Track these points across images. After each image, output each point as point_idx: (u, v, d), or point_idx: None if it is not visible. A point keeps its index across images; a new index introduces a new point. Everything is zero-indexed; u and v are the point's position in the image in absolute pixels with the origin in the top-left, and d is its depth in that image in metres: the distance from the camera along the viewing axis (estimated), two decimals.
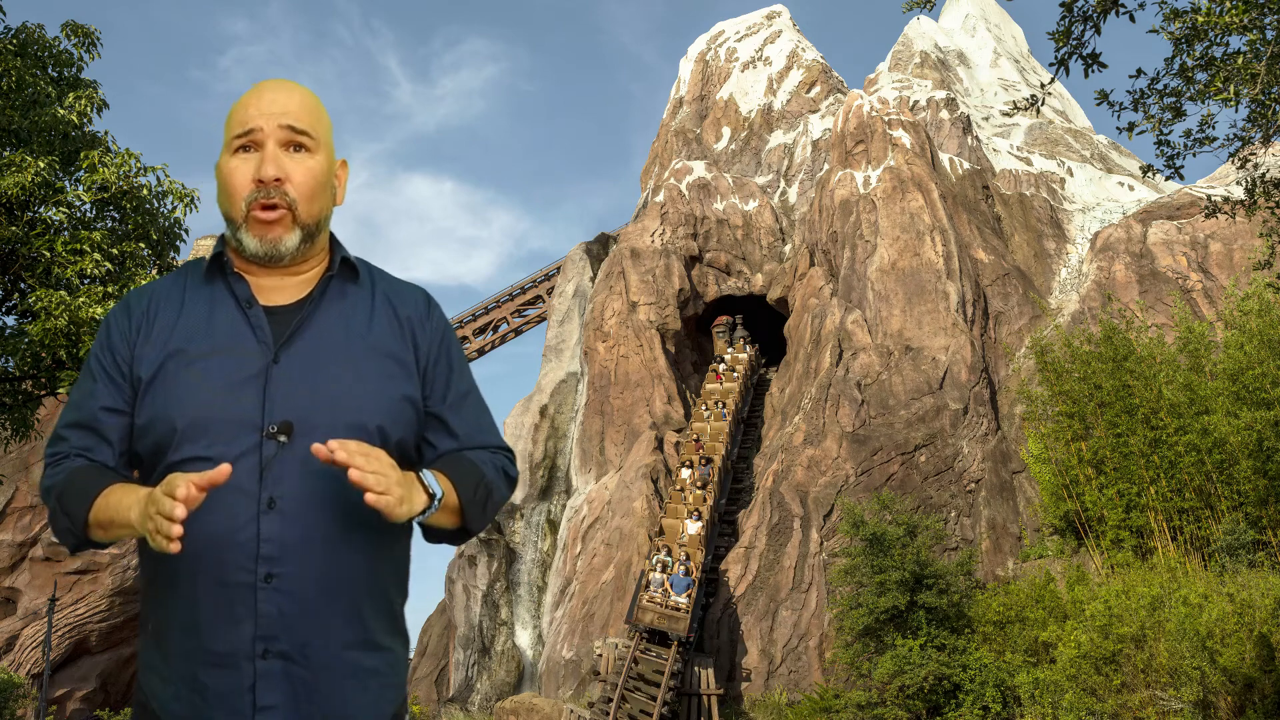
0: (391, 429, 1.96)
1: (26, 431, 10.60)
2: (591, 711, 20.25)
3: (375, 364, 1.98)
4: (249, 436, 1.86)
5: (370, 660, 1.92)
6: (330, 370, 1.93)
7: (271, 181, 1.96)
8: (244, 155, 1.99)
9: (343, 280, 2.06)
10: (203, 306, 1.99)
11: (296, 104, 2.02)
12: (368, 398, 1.94)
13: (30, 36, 10.77)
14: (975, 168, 36.60)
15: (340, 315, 2.01)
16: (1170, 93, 7.86)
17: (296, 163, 1.99)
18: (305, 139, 2.01)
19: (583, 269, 39.57)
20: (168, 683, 1.87)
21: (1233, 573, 18.79)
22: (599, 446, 33.01)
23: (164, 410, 1.90)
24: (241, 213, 1.98)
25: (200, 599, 1.83)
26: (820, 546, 25.28)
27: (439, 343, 2.08)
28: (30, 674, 27.43)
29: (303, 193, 1.99)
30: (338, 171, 2.11)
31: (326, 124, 2.08)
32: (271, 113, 1.99)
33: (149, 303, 2.03)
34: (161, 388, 1.92)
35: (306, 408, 1.89)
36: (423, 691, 30.17)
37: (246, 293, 1.99)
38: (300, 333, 1.96)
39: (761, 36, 47.86)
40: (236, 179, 1.98)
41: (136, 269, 10.02)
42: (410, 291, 2.12)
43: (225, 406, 1.87)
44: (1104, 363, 23.80)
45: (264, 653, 1.82)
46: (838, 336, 30.38)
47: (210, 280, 2.03)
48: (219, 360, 1.92)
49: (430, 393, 2.05)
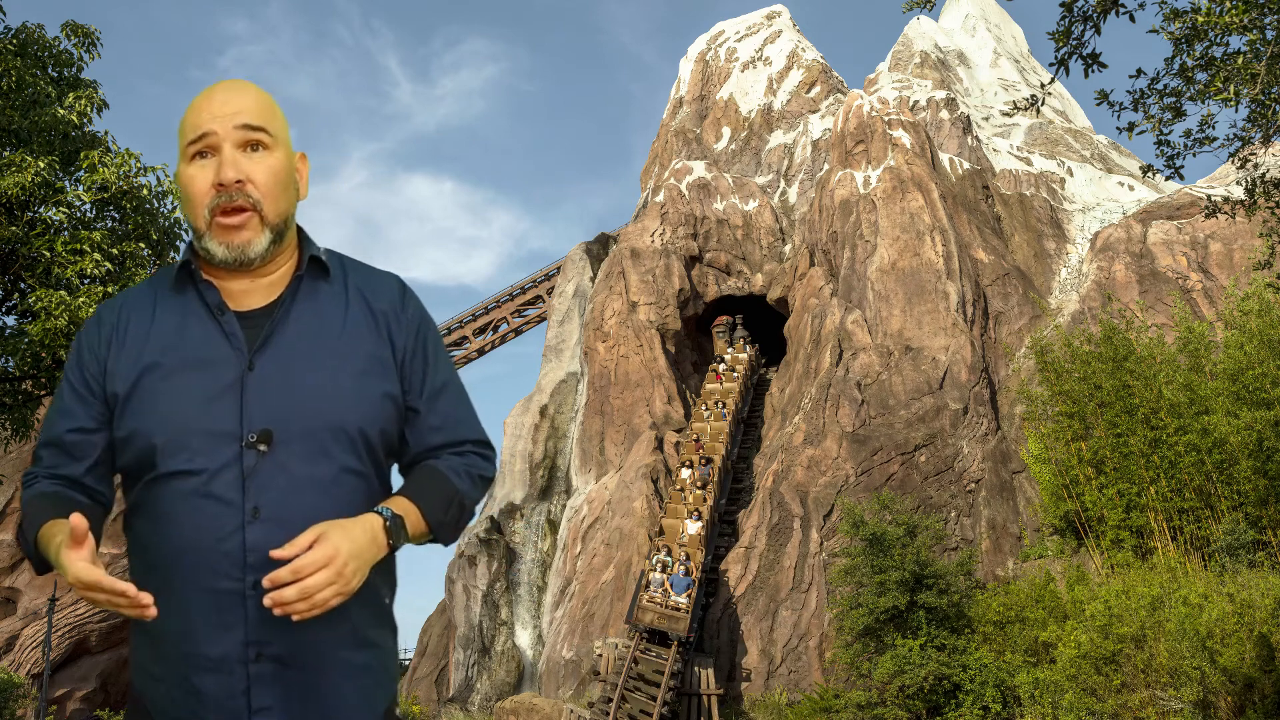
0: (371, 428, 1.94)
1: (26, 432, 10.60)
2: (591, 711, 20.25)
3: (352, 363, 1.95)
4: (229, 448, 1.85)
5: (361, 657, 1.93)
6: (306, 373, 1.91)
7: (233, 184, 1.91)
8: (201, 161, 1.95)
9: (314, 278, 2.03)
10: (174, 316, 1.97)
11: (250, 102, 1.97)
12: (346, 398, 1.92)
13: (30, 36, 10.77)
14: (975, 168, 36.60)
15: (314, 315, 1.98)
16: (1170, 93, 7.85)
17: (256, 162, 1.94)
18: (262, 136, 1.96)
19: (583, 269, 39.57)
20: (162, 684, 1.87)
21: (1233, 573, 18.79)
22: (599, 446, 33.01)
23: (143, 426, 1.89)
24: (205, 220, 1.93)
25: (190, 607, 1.83)
26: (820, 546, 25.28)
27: (415, 335, 2.06)
28: (30, 674, 27.42)
29: (266, 192, 1.95)
30: (298, 165, 2.07)
31: (282, 119, 2.03)
32: (225, 114, 1.94)
33: (119, 315, 2.00)
34: (138, 403, 1.91)
35: (285, 413, 1.87)
36: (423, 691, 30.16)
37: (217, 299, 1.96)
38: (274, 337, 1.93)
39: (761, 36, 47.86)
40: (196, 186, 1.93)
41: (136, 269, 10.02)
42: (384, 282, 2.09)
43: (203, 419, 1.86)
44: (1104, 363, 23.80)
45: (257, 656, 1.83)
46: (838, 336, 30.38)
47: (180, 288, 2.00)
48: (195, 371, 1.90)
49: (408, 387, 2.03)
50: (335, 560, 1.75)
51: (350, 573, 1.77)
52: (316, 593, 1.73)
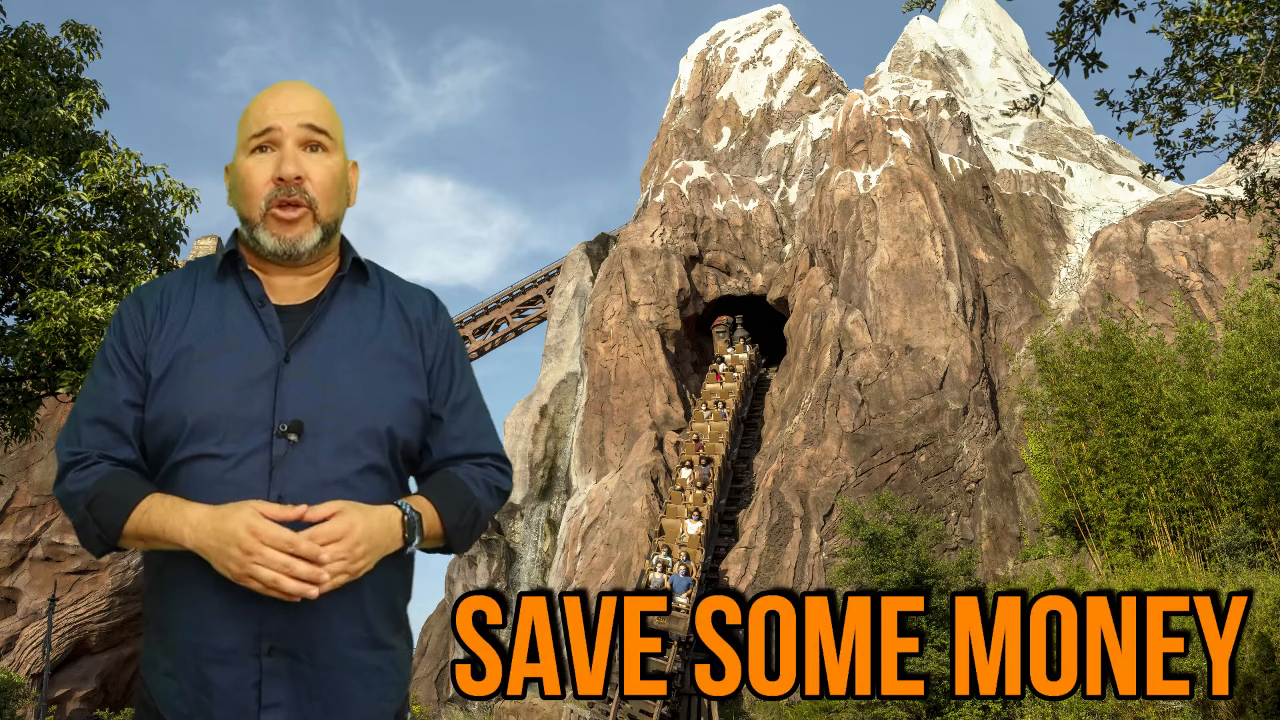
0: (400, 430, 1.97)
1: (26, 431, 10.59)
2: (592, 711, 20.25)
3: (385, 365, 1.99)
4: (259, 435, 1.86)
5: (374, 658, 1.93)
6: (341, 370, 1.94)
7: (292, 180, 1.96)
8: (261, 155, 1.99)
9: (353, 281, 2.07)
10: (213, 304, 1.99)
11: (314, 104, 2.04)
12: (377, 399, 1.95)
13: (30, 36, 10.77)
14: (975, 168, 36.60)
15: (351, 316, 2.02)
16: (1170, 93, 7.85)
17: (315, 162, 2.00)
18: (324, 138, 2.02)
19: (583, 269, 39.57)
20: (172, 679, 1.87)
21: (1233, 573, 18.80)
22: (599, 446, 33.00)
23: (174, 407, 1.89)
24: (260, 211, 1.98)
25: (206, 597, 1.84)
26: (820, 546, 25.28)
27: (444, 347, 2.10)
28: (30, 674, 27.42)
29: (322, 192, 2.00)
30: (350, 172, 2.13)
31: (340, 126, 2.10)
32: (290, 112, 2.00)
33: (161, 297, 2.02)
34: (172, 384, 1.91)
35: (317, 407, 1.89)
36: (423, 691, 30.16)
37: (259, 291, 1.99)
38: (311, 332, 1.96)
39: (761, 36, 47.85)
40: (255, 178, 1.98)
41: (136, 269, 10.02)
42: (418, 294, 2.14)
43: (236, 404, 1.88)
44: (1104, 363, 23.80)
45: (269, 650, 1.83)
46: (838, 336, 30.39)
47: (222, 278, 2.03)
48: (230, 358, 1.92)
49: (434, 395, 2.06)
50: (349, 536, 1.78)
51: (360, 553, 1.79)
52: (327, 566, 1.76)
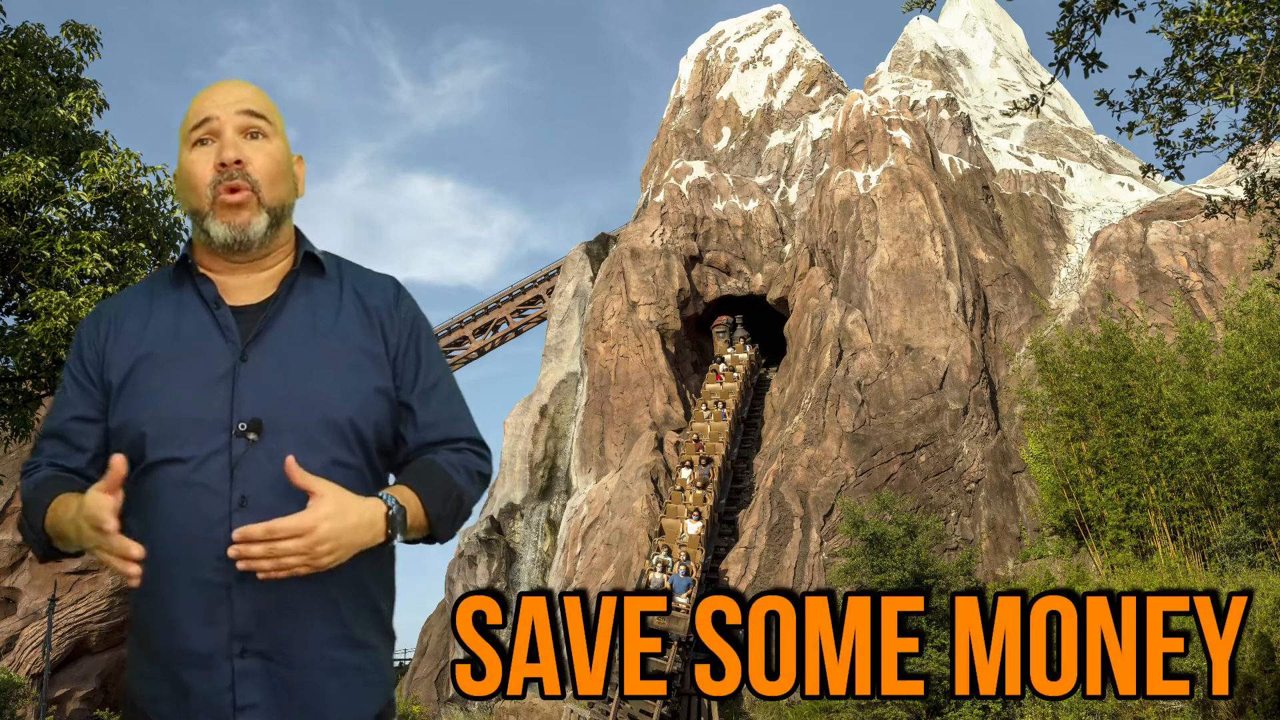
0: (361, 421, 1.95)
1: (26, 431, 10.59)
2: (592, 711, 20.25)
3: (344, 358, 1.97)
4: (219, 436, 1.86)
5: (352, 657, 1.91)
6: (299, 366, 1.93)
7: (233, 164, 1.97)
8: (202, 147, 2.01)
9: (309, 275, 2.06)
10: (171, 310, 2.00)
11: (251, 92, 2.06)
12: (338, 392, 1.93)
13: (30, 36, 10.77)
14: (975, 168, 36.60)
15: (307, 310, 2.00)
16: (1170, 93, 7.85)
17: (255, 148, 2.01)
18: (263, 124, 2.03)
19: (583, 269, 39.56)
20: (152, 683, 1.87)
21: (1233, 573, 18.79)
22: (599, 446, 33.00)
23: (134, 413, 1.90)
24: (207, 199, 1.98)
25: (178, 599, 1.83)
26: (820, 546, 25.28)
27: (408, 334, 2.07)
28: (30, 674, 27.42)
29: (264, 175, 2.00)
30: (295, 164, 2.13)
31: (279, 115, 2.11)
32: (226, 101, 2.03)
33: (116, 310, 2.04)
34: (131, 391, 1.93)
35: (276, 405, 1.88)
36: (423, 691, 30.15)
37: (213, 293, 1.99)
38: (267, 330, 1.96)
39: (761, 36, 47.84)
40: (197, 169, 1.99)
41: (136, 269, 10.02)
42: (378, 281, 2.12)
43: (195, 406, 1.87)
44: (1104, 363, 23.80)
45: (242, 651, 1.82)
46: (838, 336, 30.39)
47: (177, 284, 2.03)
48: (188, 361, 1.92)
49: (400, 383, 2.04)
50: (310, 535, 1.75)
51: (323, 552, 1.77)
52: (283, 558, 1.74)
